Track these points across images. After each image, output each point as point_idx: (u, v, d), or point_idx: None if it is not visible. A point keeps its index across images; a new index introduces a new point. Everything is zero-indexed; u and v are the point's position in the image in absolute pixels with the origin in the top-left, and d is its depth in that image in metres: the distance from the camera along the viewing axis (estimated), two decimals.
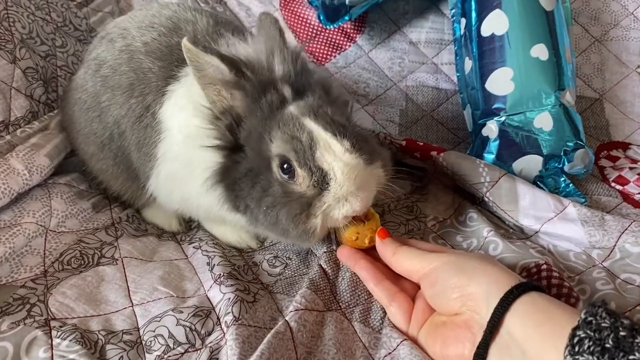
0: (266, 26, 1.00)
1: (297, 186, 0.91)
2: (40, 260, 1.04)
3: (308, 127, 0.90)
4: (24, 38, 1.31)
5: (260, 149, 0.92)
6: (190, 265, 1.09)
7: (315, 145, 0.90)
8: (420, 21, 1.75)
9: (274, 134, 0.91)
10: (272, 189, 0.92)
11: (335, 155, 0.90)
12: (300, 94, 0.97)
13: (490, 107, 1.33)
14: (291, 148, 0.89)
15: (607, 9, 1.68)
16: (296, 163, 0.90)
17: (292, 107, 0.94)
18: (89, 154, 1.17)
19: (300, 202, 0.91)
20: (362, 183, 0.92)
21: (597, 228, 1.10)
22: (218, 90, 0.93)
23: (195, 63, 0.89)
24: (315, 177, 0.90)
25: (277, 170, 0.92)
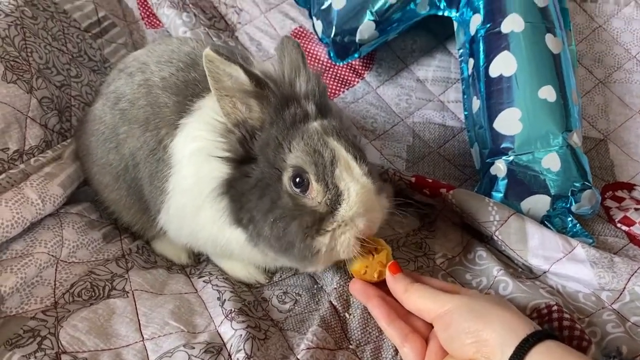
0: (288, 49, 1.03)
1: (308, 200, 0.92)
2: (51, 291, 1.03)
3: (331, 145, 0.93)
4: (41, 68, 1.33)
5: (275, 159, 0.93)
6: (200, 299, 1.09)
7: (337, 163, 0.92)
8: (427, 59, 1.79)
9: (295, 144, 0.92)
10: (282, 201, 0.92)
11: (353, 177, 0.92)
12: (322, 114, 1.00)
13: (499, 147, 1.35)
14: (312, 161, 0.91)
15: (611, 52, 1.71)
16: (314, 177, 0.91)
17: (316, 124, 0.96)
18: (103, 184, 1.18)
19: (312, 216, 0.91)
20: (371, 207, 0.94)
21: (606, 270, 1.10)
22: (233, 103, 0.94)
23: (214, 74, 0.90)
24: (330, 194, 0.91)
25: (287, 182, 0.92)
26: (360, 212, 0.92)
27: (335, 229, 0.92)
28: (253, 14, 1.84)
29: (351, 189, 0.91)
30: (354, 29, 1.58)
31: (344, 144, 0.95)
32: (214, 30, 1.74)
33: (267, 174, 0.94)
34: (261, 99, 0.94)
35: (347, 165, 0.93)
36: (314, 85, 1.00)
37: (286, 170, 0.92)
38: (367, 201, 0.93)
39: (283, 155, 0.93)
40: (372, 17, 1.57)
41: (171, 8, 1.72)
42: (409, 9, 1.60)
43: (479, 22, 1.47)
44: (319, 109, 0.99)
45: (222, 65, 0.89)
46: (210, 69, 0.89)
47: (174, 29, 1.71)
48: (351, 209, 0.91)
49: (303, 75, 1.00)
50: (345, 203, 0.91)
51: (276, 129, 0.94)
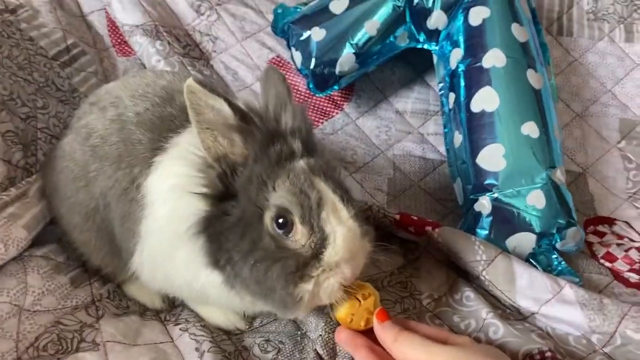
0: (274, 81, 0.98)
1: (291, 242, 0.86)
2: (13, 345, 0.95)
3: (318, 186, 0.88)
4: (5, 100, 1.25)
5: (257, 198, 0.87)
6: (177, 349, 1.02)
7: (323, 205, 0.87)
8: (406, 91, 1.77)
9: (280, 183, 0.87)
10: (263, 242, 0.86)
11: (340, 220, 0.87)
12: (309, 151, 0.95)
13: (482, 183, 1.33)
14: (297, 202, 0.85)
15: (587, 85, 1.74)
16: (299, 219, 0.85)
17: (302, 162, 0.91)
18: (72, 224, 1.11)
19: (295, 259, 0.85)
20: (356, 252, 0.90)
21: (596, 312, 1.08)
22: (214, 136, 0.88)
23: (196, 106, 0.85)
24: (315, 237, 0.86)
25: (270, 221, 0.86)
26: (346, 257, 0.87)
27: (319, 274, 0.87)
28: (229, 42, 1.80)
29: (337, 232, 0.86)
30: (334, 61, 1.56)
31: (330, 185, 0.90)
32: (188, 59, 1.69)
33: (248, 213, 0.88)
34: (245, 134, 0.88)
35: (334, 208, 0.88)
36: (300, 121, 0.96)
37: (269, 209, 0.87)
38: (353, 246, 0.88)
39: (266, 194, 0.87)
40: (353, 50, 1.55)
41: (144, 36, 1.66)
42: (389, 42, 1.58)
43: (459, 56, 1.47)
44: (305, 146, 0.94)
45: (204, 97, 0.84)
46: (191, 100, 0.84)
47: (146, 58, 1.65)
48: (337, 254, 0.86)
49: (289, 110, 0.95)
50: (331, 247, 0.86)
51: (260, 166, 0.89)
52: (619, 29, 1.79)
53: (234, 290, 0.93)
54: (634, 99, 1.73)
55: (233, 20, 1.82)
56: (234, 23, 1.82)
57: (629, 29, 1.79)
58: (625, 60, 1.77)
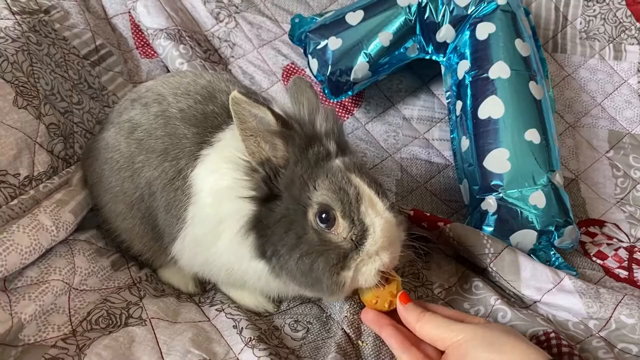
0: (302, 88, 1.08)
1: (333, 235, 0.96)
2: (67, 319, 1.03)
3: (354, 182, 0.97)
4: (47, 94, 1.33)
5: (300, 196, 0.96)
6: (214, 327, 1.10)
7: (361, 199, 0.96)
8: (412, 99, 1.89)
9: (320, 183, 0.96)
10: (307, 236, 0.96)
11: (377, 212, 0.97)
12: (342, 150, 1.05)
13: (489, 184, 1.44)
14: (338, 198, 0.95)
15: (579, 98, 1.87)
16: (340, 213, 0.95)
17: (338, 161, 1.00)
18: (116, 212, 1.18)
19: (337, 252, 0.95)
20: (394, 240, 1.00)
21: (593, 300, 1.19)
22: (258, 142, 0.97)
23: (240, 115, 0.94)
24: (356, 229, 0.95)
25: (313, 217, 0.96)
26: (385, 246, 0.97)
27: (359, 262, 0.97)
28: (246, 48, 1.90)
29: (376, 223, 0.96)
30: (349, 69, 1.67)
31: (365, 180, 1.00)
32: (209, 63, 1.78)
33: (291, 210, 0.97)
34: (286, 138, 0.98)
35: (371, 201, 0.98)
36: (333, 123, 1.06)
37: (311, 206, 0.96)
38: (390, 235, 0.98)
39: (308, 193, 0.96)
40: (367, 59, 1.66)
41: (168, 39, 1.74)
42: (400, 52, 1.70)
43: (466, 67, 1.59)
44: (339, 146, 1.04)
45: (249, 107, 0.93)
46: (236, 110, 0.93)
47: (170, 60, 1.73)
48: (376, 243, 0.96)
49: (321, 114, 1.05)
50: (371, 237, 0.96)
51: (300, 167, 0.98)
52: (609, 47, 1.94)
53: (278, 279, 1.03)
54: (622, 112, 1.87)
55: (250, 28, 1.92)
56: (251, 31, 1.92)
57: (617, 48, 1.93)
58: (613, 77, 1.91)
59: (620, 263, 1.49)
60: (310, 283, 0.98)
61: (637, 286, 1.39)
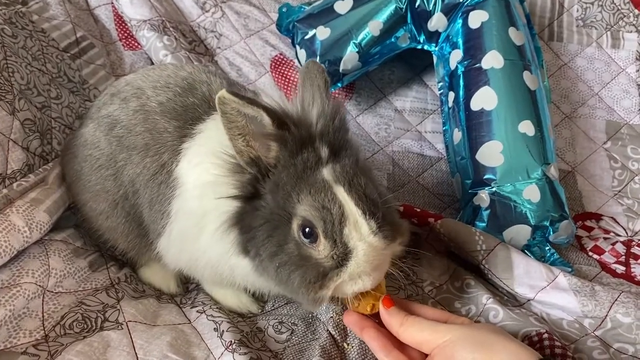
0: (312, 74, 1.00)
1: (314, 252, 0.90)
2: (40, 323, 0.99)
3: (340, 199, 0.89)
4: (23, 89, 1.28)
5: (285, 204, 0.90)
6: (195, 330, 1.07)
7: (345, 220, 0.88)
8: (404, 90, 1.84)
9: (303, 197, 0.89)
10: (288, 247, 0.90)
11: (361, 236, 0.89)
12: (336, 153, 0.95)
13: (481, 177, 1.40)
14: (320, 217, 0.88)
15: (575, 88, 1.82)
16: (322, 233, 0.88)
17: (325, 172, 0.92)
18: (97, 211, 1.14)
19: (316, 269, 0.89)
20: (379, 264, 0.93)
21: (589, 298, 1.16)
22: (247, 141, 0.91)
23: (229, 115, 0.87)
24: (338, 251, 0.89)
25: (296, 230, 0.90)
26: (367, 271, 0.91)
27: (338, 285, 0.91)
28: (233, 39, 1.84)
29: (359, 248, 0.89)
30: (338, 59, 1.62)
31: (354, 196, 0.90)
32: (194, 54, 1.73)
33: (275, 216, 0.91)
34: (281, 140, 0.91)
35: (355, 223, 0.89)
36: (329, 121, 0.95)
37: (296, 217, 0.90)
38: (374, 260, 0.91)
39: (292, 204, 0.90)
40: (356, 49, 1.61)
41: (151, 31, 1.69)
42: (390, 42, 1.65)
43: (459, 57, 1.54)
44: (332, 149, 0.95)
45: (241, 107, 0.86)
46: (224, 110, 0.86)
47: (154, 52, 1.68)
48: (359, 267, 0.90)
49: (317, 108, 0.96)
50: (354, 261, 0.89)
51: (286, 174, 0.91)
52: (606, 35, 1.89)
53: (262, 277, 0.97)
54: (619, 102, 1.82)
55: (237, 17, 1.87)
56: (238, 21, 1.86)
57: (615, 36, 1.88)
58: (611, 65, 1.86)
59: (617, 258, 1.45)
60: (289, 291, 0.94)
61: (634, 282, 1.35)
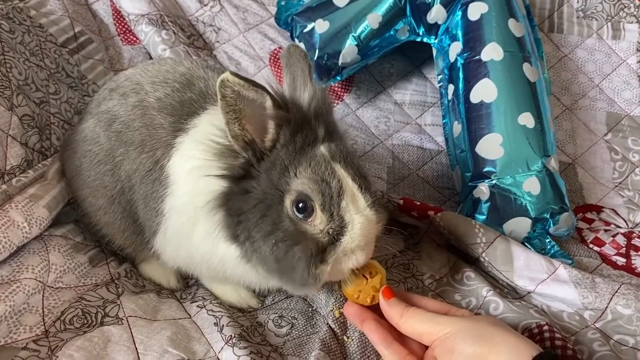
0: (295, 59, 1.01)
1: (309, 227, 0.90)
2: (40, 319, 0.99)
3: (338, 174, 0.91)
4: (21, 84, 1.28)
5: (278, 182, 0.91)
6: (195, 325, 1.07)
7: (343, 194, 0.90)
8: (404, 83, 1.83)
9: (302, 170, 0.90)
10: (283, 224, 0.90)
11: (358, 209, 0.91)
12: (330, 134, 0.97)
13: (481, 170, 1.39)
14: (319, 190, 0.89)
15: (576, 80, 1.81)
16: (319, 206, 0.89)
17: (323, 148, 0.94)
18: (96, 206, 1.14)
19: (314, 244, 0.90)
20: (370, 240, 0.94)
21: (589, 290, 1.15)
22: (242, 125, 0.90)
23: (228, 98, 0.86)
24: (334, 224, 0.90)
25: (290, 205, 0.90)
26: (361, 245, 0.92)
27: (335, 259, 0.92)
28: (232, 33, 1.84)
29: (355, 221, 0.90)
30: (337, 52, 1.61)
31: (350, 172, 0.93)
32: (192, 49, 1.73)
33: (268, 195, 0.91)
34: (280, 122, 0.91)
35: (353, 197, 0.91)
36: (322, 103, 0.98)
37: (289, 193, 0.90)
38: (368, 234, 0.92)
39: (288, 179, 0.91)
40: (355, 42, 1.60)
41: (150, 25, 1.69)
42: (389, 35, 1.64)
43: (458, 49, 1.53)
44: (327, 130, 0.97)
45: (244, 90, 0.86)
46: (224, 93, 0.86)
47: (152, 46, 1.68)
48: (353, 241, 0.91)
49: (312, 91, 0.98)
50: (349, 235, 0.90)
51: (285, 152, 0.92)
52: (607, 26, 1.87)
53: (249, 264, 0.97)
54: (620, 93, 1.81)
55: (236, 11, 1.86)
56: (237, 14, 1.86)
57: (615, 27, 1.87)
58: (612, 57, 1.85)
59: (618, 250, 1.45)
60: (282, 270, 0.92)
61: (634, 274, 1.35)
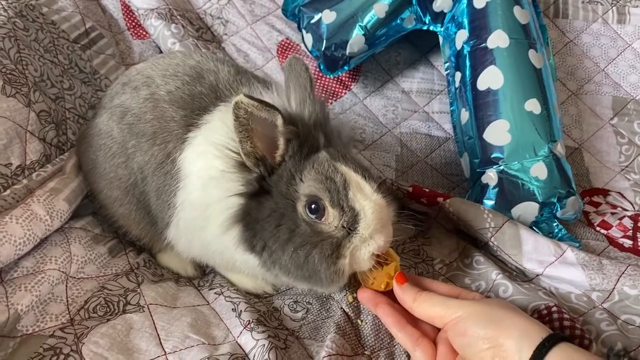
0: (296, 72, 1.06)
1: (325, 225, 0.95)
2: (64, 308, 1.03)
3: (341, 169, 0.96)
4: (37, 81, 1.30)
5: (287, 191, 0.96)
6: (214, 311, 1.10)
7: (349, 185, 0.95)
8: (411, 72, 1.85)
9: (307, 174, 0.95)
10: (300, 229, 0.95)
11: (366, 196, 0.96)
12: (328, 141, 1.04)
13: (489, 156, 1.41)
14: (325, 188, 0.94)
15: (581, 65, 1.82)
16: (329, 202, 0.94)
17: (324, 152, 0.99)
18: (112, 198, 1.17)
19: (330, 242, 0.94)
20: (386, 222, 0.99)
21: (596, 272, 1.18)
22: (254, 143, 0.95)
23: (241, 119, 0.91)
24: (347, 216, 0.94)
25: (302, 210, 0.95)
26: (378, 228, 0.96)
27: (353, 250, 0.96)
28: (239, 25, 1.86)
29: (366, 207, 0.95)
30: (344, 42, 1.63)
31: (351, 166, 0.99)
32: (202, 42, 1.75)
33: (281, 205, 0.96)
34: (289, 138, 0.96)
35: (358, 186, 0.96)
36: (321, 114, 1.04)
37: (300, 199, 0.95)
38: (382, 217, 0.97)
39: (295, 187, 0.96)
40: (362, 32, 1.61)
41: (159, 19, 1.71)
42: (396, 24, 1.65)
43: (464, 37, 1.55)
44: (326, 137, 1.03)
45: (257, 111, 0.90)
46: (238, 114, 0.90)
47: (162, 40, 1.70)
48: (369, 226, 0.95)
49: (310, 104, 1.02)
50: (363, 222, 0.95)
51: (292, 162, 0.97)
52: (612, 11, 1.88)
53: (269, 272, 1.02)
54: (626, 77, 1.82)
55: (243, 3, 1.88)
56: (244, 7, 1.88)
57: (621, 11, 1.87)
58: (617, 41, 1.85)
59: (625, 232, 1.47)
60: (307, 275, 0.97)
61: None
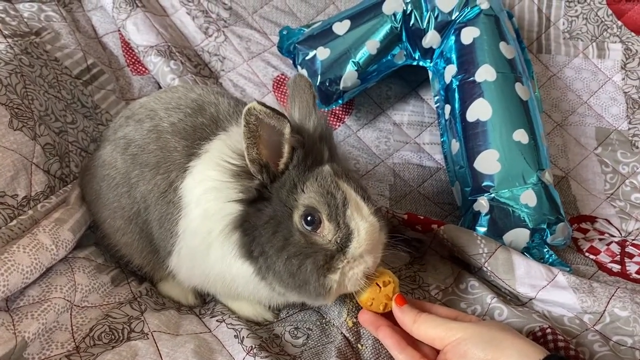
0: (301, 88, 1.10)
1: (318, 238, 0.98)
2: (70, 335, 1.04)
3: (342, 187, 1.00)
4: (42, 115, 1.34)
5: (287, 199, 0.98)
6: (216, 338, 1.12)
7: (348, 204, 0.99)
8: (402, 105, 1.92)
9: (309, 186, 0.99)
10: (294, 238, 0.97)
11: (363, 216, 0.99)
12: (332, 156, 1.07)
13: (480, 185, 1.47)
14: (325, 202, 0.97)
15: (565, 97, 1.90)
16: (326, 216, 0.97)
17: (327, 166, 1.03)
18: (115, 227, 1.20)
19: (323, 254, 0.97)
20: (377, 244, 1.03)
21: (587, 294, 1.22)
22: (260, 150, 0.97)
23: (251, 125, 0.93)
24: (341, 233, 0.98)
25: (298, 219, 0.97)
26: (369, 249, 1.00)
27: (344, 265, 0.99)
28: (236, 61, 1.92)
29: (361, 227, 0.98)
30: (338, 78, 1.69)
31: (352, 185, 1.03)
32: (200, 77, 1.81)
33: (279, 212, 0.99)
34: (295, 146, 0.99)
35: (357, 206, 1.00)
36: (325, 127, 1.07)
37: (297, 208, 0.98)
38: (373, 239, 1.01)
39: (296, 196, 0.98)
40: (355, 67, 1.68)
41: (158, 56, 1.77)
42: (387, 60, 1.72)
43: (453, 71, 1.62)
44: (330, 152, 1.07)
45: (268, 118, 0.93)
46: (248, 120, 0.92)
47: (161, 76, 1.75)
48: (360, 246, 0.98)
49: (314, 119, 1.06)
50: (356, 241, 0.98)
51: (295, 172, 1.00)
52: (592, 46, 1.97)
53: (264, 281, 1.04)
54: (608, 109, 1.90)
55: (239, 41, 1.94)
56: (240, 44, 1.94)
57: (600, 47, 1.97)
58: (598, 75, 1.94)
59: (613, 257, 1.52)
60: (297, 284, 0.99)
61: (630, 279, 1.41)
